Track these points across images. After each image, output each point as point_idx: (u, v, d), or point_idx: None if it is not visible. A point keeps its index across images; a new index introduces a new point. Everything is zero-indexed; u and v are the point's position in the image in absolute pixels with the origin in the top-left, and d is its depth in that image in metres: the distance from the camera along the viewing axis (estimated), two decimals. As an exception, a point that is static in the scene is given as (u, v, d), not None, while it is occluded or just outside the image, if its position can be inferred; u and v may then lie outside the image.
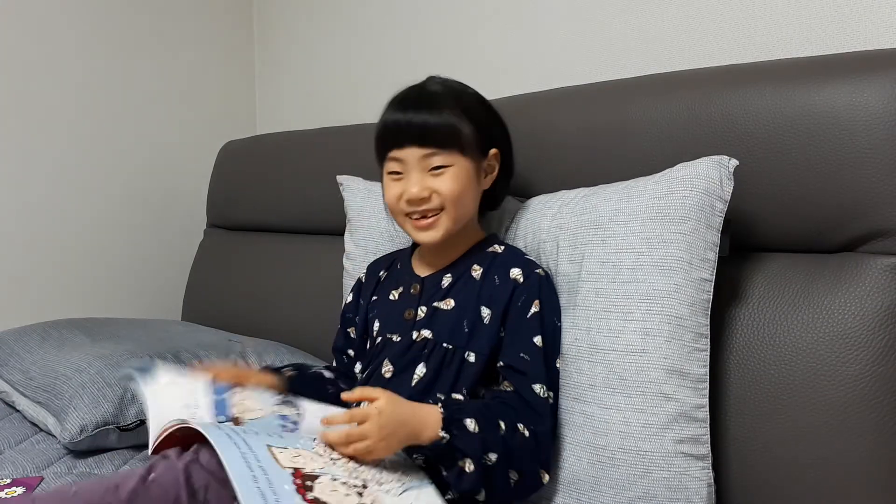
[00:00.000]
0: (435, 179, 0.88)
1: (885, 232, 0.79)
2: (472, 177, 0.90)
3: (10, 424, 1.14)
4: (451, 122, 0.87)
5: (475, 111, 0.91)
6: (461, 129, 0.88)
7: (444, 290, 0.92)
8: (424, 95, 0.90)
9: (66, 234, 1.74)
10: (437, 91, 0.91)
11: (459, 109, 0.89)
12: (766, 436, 0.80)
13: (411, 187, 0.88)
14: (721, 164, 0.82)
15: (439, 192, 0.88)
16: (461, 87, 0.94)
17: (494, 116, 0.95)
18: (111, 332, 1.34)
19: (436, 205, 0.88)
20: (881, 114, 0.78)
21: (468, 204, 0.91)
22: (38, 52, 1.67)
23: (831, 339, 0.78)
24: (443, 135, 0.87)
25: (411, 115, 0.88)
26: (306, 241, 1.55)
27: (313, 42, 1.92)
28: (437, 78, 0.94)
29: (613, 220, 0.86)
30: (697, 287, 0.79)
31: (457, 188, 0.88)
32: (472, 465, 0.76)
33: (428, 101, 0.89)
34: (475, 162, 0.90)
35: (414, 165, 0.88)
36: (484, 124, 0.92)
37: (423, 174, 0.88)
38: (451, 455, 0.76)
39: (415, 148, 0.87)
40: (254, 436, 0.73)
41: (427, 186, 0.88)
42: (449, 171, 0.88)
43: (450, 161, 0.88)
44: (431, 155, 0.87)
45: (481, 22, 1.50)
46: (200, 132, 1.99)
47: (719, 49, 1.14)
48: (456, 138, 0.88)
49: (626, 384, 0.79)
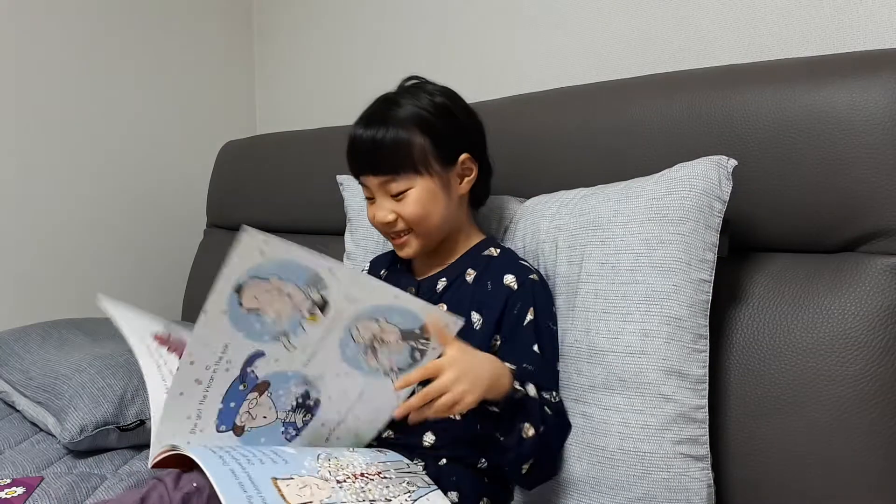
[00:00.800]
0: (398, 204, 0.89)
1: (885, 232, 0.79)
2: (437, 192, 0.89)
3: (10, 424, 1.14)
4: (400, 140, 0.86)
5: (432, 122, 0.88)
6: (412, 145, 0.87)
7: (437, 294, 0.92)
8: (376, 112, 0.90)
9: (65, 234, 1.74)
10: (393, 102, 0.89)
11: (412, 122, 0.87)
12: (766, 436, 0.80)
13: (377, 212, 0.90)
14: (720, 164, 0.82)
15: (403, 217, 0.89)
16: (421, 93, 0.91)
17: (458, 121, 0.91)
18: (111, 332, 1.34)
19: (402, 227, 0.90)
20: (881, 114, 0.78)
21: (436, 219, 0.90)
22: (37, 52, 1.67)
23: (831, 339, 0.78)
24: (394, 160, 0.87)
25: (363, 130, 0.89)
26: (306, 241, 1.54)
27: (313, 42, 1.92)
28: (410, 82, 0.94)
29: (612, 221, 0.86)
30: (696, 288, 0.79)
31: (419, 211, 0.88)
32: (532, 430, 0.77)
33: (378, 118, 0.88)
34: (439, 176, 0.89)
35: (377, 190, 0.90)
36: (445, 133, 0.89)
37: (386, 199, 0.89)
38: (517, 414, 0.77)
39: (371, 176, 0.89)
40: (259, 466, 0.69)
41: (392, 210, 0.89)
42: (409, 195, 0.88)
43: (408, 184, 0.88)
44: (388, 182, 0.88)
45: (481, 22, 1.50)
46: (200, 132, 1.99)
47: (719, 49, 1.14)
48: (408, 160, 0.87)
49: (624, 385, 0.79)
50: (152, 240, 1.90)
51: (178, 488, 0.71)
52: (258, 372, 0.76)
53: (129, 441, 1.06)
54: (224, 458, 0.68)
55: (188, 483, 0.71)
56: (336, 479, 0.72)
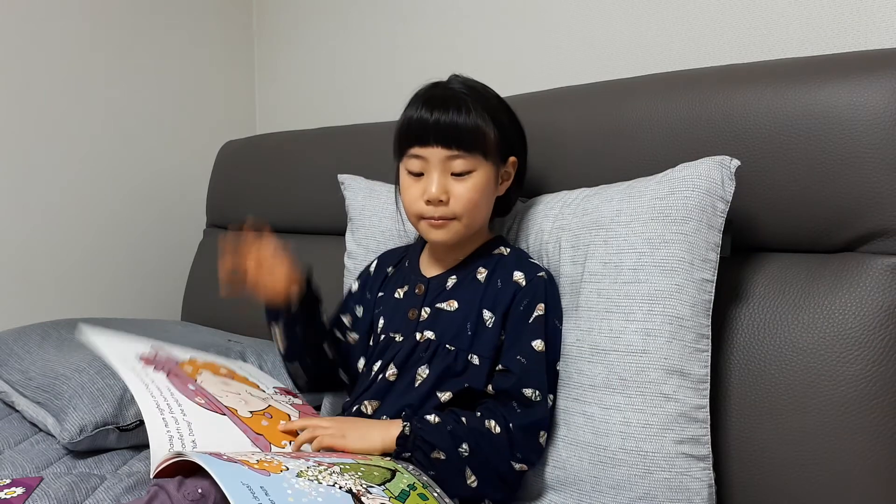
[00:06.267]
0: (455, 183, 0.87)
1: (886, 232, 0.79)
2: (490, 183, 0.89)
3: (9, 424, 1.14)
4: (479, 126, 0.86)
5: (500, 116, 0.90)
6: (487, 133, 0.87)
7: (447, 291, 0.92)
8: (453, 95, 0.88)
9: (65, 234, 1.74)
10: (466, 92, 0.89)
11: (487, 113, 0.87)
12: (766, 436, 0.80)
13: (431, 187, 0.86)
14: (722, 164, 0.82)
15: (457, 198, 0.87)
16: (486, 89, 0.92)
17: (516, 123, 0.94)
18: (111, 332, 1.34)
19: (450, 212, 0.87)
20: (881, 114, 0.78)
21: (482, 211, 0.90)
22: (37, 52, 1.67)
23: (832, 339, 0.78)
24: (469, 138, 0.86)
25: (439, 114, 0.86)
26: (306, 241, 1.55)
27: (313, 42, 1.92)
28: (461, 77, 0.92)
29: (615, 221, 0.86)
30: (699, 287, 0.79)
31: (475, 196, 0.87)
32: (442, 455, 0.79)
33: (457, 102, 0.86)
34: (495, 168, 0.90)
35: (436, 165, 0.86)
36: (507, 130, 0.91)
37: (444, 176, 0.87)
38: (417, 448, 0.80)
39: (440, 148, 0.86)
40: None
41: (446, 189, 0.87)
42: (470, 177, 0.87)
43: (472, 166, 0.87)
44: (455, 157, 0.86)
45: (482, 22, 1.50)
46: (200, 132, 1.99)
47: (719, 49, 1.14)
48: (481, 142, 0.87)
49: (625, 384, 0.79)
50: (152, 239, 1.90)
51: (182, 496, 0.69)
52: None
53: (128, 441, 1.06)
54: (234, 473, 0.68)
55: (192, 490, 0.70)
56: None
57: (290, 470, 0.68)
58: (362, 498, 0.66)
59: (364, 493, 0.67)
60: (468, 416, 0.83)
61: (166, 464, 0.74)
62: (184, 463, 0.72)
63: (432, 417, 0.82)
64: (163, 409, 0.84)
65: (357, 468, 0.72)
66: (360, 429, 0.83)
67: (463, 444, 0.80)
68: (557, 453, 0.84)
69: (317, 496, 0.65)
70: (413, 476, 0.75)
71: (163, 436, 0.80)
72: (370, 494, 0.67)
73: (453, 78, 0.92)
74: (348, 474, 0.70)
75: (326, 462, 0.72)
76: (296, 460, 0.72)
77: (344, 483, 0.68)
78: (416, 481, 0.74)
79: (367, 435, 0.82)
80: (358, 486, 0.68)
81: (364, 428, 0.84)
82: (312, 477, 0.68)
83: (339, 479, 0.68)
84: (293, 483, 0.66)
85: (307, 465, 0.71)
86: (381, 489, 0.69)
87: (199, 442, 0.81)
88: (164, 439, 0.79)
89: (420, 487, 0.73)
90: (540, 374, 0.84)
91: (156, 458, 0.76)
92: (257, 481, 0.65)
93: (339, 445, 0.81)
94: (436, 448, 0.80)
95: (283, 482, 0.66)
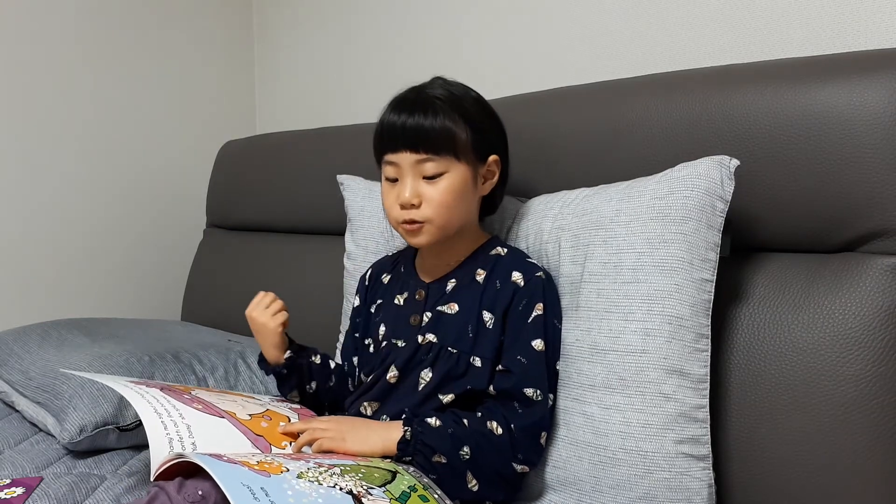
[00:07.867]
0: (427, 186, 0.87)
1: (886, 232, 0.79)
2: (466, 184, 0.88)
3: (9, 424, 1.14)
4: (447, 127, 0.86)
5: (475, 116, 0.89)
6: (457, 134, 0.87)
7: (448, 294, 0.92)
8: (422, 99, 0.88)
9: (65, 234, 1.74)
10: (436, 94, 0.88)
11: (457, 114, 0.87)
12: (766, 436, 0.80)
13: (404, 192, 0.87)
14: (722, 164, 0.82)
15: (428, 201, 0.86)
16: (463, 90, 0.92)
17: (495, 121, 0.94)
18: (111, 332, 1.34)
19: (421, 215, 0.87)
20: (881, 114, 0.78)
21: (458, 212, 0.89)
22: (37, 51, 1.67)
23: (832, 339, 0.78)
24: (437, 140, 0.86)
25: (405, 117, 0.86)
26: (306, 241, 1.55)
27: (313, 42, 1.92)
28: (440, 80, 0.92)
29: (615, 221, 0.86)
30: (698, 287, 0.79)
31: (447, 198, 0.87)
32: (444, 458, 0.80)
33: (424, 105, 0.87)
34: (471, 168, 0.89)
35: (408, 170, 0.87)
36: (484, 129, 0.90)
37: (416, 180, 0.87)
38: (417, 452, 0.80)
39: (408, 153, 0.86)
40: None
41: (418, 193, 0.87)
42: (442, 179, 0.87)
43: (443, 168, 0.86)
44: (425, 161, 0.86)
45: (482, 22, 1.50)
46: (200, 132, 1.99)
47: (719, 49, 1.14)
48: (450, 144, 0.86)
49: (625, 384, 0.79)
50: (152, 239, 1.90)
51: (182, 497, 0.69)
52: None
53: (128, 441, 1.06)
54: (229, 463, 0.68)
55: (193, 491, 0.70)
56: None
57: (290, 471, 0.68)
58: (363, 499, 0.66)
59: (365, 494, 0.67)
60: (469, 417, 0.83)
61: (166, 465, 0.74)
62: (183, 465, 0.72)
63: (433, 420, 0.82)
64: (161, 413, 0.84)
65: (357, 469, 0.73)
66: (361, 431, 0.83)
67: (464, 447, 0.80)
68: (557, 453, 0.84)
69: (317, 497, 0.65)
70: (413, 478, 0.75)
71: (162, 438, 0.79)
72: (371, 496, 0.67)
73: (433, 81, 0.92)
74: (349, 476, 0.70)
75: (327, 463, 0.72)
76: (296, 461, 0.72)
77: (344, 484, 0.68)
78: (416, 483, 0.74)
79: (368, 438, 0.82)
80: (358, 487, 0.68)
81: (364, 430, 0.84)
82: (313, 478, 0.68)
83: (339, 480, 0.69)
84: (294, 484, 0.66)
85: (308, 466, 0.71)
86: (382, 490, 0.69)
87: (199, 444, 0.81)
88: (164, 441, 0.79)
89: (421, 489, 0.73)
90: (540, 374, 0.84)
91: (156, 460, 0.76)
92: (258, 482, 0.65)
93: (339, 449, 0.81)
94: (437, 452, 0.80)
95: (284, 483, 0.66)
